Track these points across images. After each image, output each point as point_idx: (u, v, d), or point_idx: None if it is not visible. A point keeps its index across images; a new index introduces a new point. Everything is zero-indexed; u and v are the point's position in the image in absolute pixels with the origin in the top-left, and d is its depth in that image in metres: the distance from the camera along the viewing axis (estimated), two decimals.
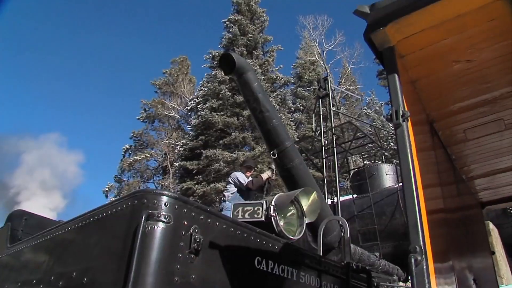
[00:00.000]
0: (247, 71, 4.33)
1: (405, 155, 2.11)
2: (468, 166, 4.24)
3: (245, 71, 4.31)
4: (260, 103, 4.41)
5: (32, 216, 5.93)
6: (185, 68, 45.37)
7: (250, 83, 4.37)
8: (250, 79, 4.36)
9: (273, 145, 4.58)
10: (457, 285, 2.91)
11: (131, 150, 41.41)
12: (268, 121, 4.48)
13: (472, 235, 4.44)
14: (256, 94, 4.39)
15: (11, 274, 4.01)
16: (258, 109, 4.45)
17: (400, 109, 2.22)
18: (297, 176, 4.61)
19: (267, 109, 4.46)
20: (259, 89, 4.46)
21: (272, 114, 4.53)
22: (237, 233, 2.85)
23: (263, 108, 4.42)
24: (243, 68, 4.30)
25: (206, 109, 31.94)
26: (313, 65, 41.78)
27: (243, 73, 4.30)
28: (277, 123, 4.56)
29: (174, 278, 2.33)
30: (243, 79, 4.35)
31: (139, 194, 2.57)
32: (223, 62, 4.33)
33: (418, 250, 1.89)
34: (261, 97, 4.43)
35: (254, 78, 4.43)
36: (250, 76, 4.37)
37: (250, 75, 4.36)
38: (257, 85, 4.45)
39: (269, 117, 4.47)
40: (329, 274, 3.60)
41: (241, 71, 4.28)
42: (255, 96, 4.40)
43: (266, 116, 4.45)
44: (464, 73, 2.81)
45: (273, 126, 4.51)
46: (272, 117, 4.50)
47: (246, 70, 4.32)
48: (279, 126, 4.61)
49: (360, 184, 14.16)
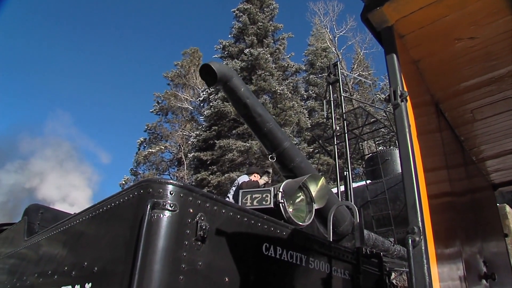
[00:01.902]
0: (231, 78, 4.13)
1: (403, 135, 2.08)
2: (478, 147, 4.16)
3: (229, 79, 4.11)
4: (250, 109, 4.27)
5: (48, 209, 6.04)
6: (196, 59, 45.35)
7: (236, 90, 4.20)
8: (236, 85, 4.18)
9: (271, 148, 4.51)
10: (465, 269, 2.88)
11: (146, 143, 41.75)
12: (262, 125, 4.37)
13: (483, 218, 4.38)
14: (244, 100, 4.23)
15: (28, 266, 4.11)
16: (249, 115, 4.32)
17: (398, 89, 2.18)
18: (301, 175, 4.48)
19: (259, 113, 4.32)
20: (247, 94, 4.29)
21: (265, 117, 4.40)
22: (244, 220, 2.87)
23: (254, 113, 4.29)
24: (226, 75, 4.10)
25: (219, 100, 31.93)
26: (325, 51, 41.35)
27: (227, 81, 4.12)
28: (271, 126, 4.43)
29: (181, 265, 2.36)
30: (228, 87, 4.18)
31: (145, 184, 2.60)
32: (204, 73, 4.13)
33: (417, 230, 1.87)
34: (250, 102, 4.28)
35: (239, 84, 4.24)
36: (235, 82, 4.17)
37: (235, 81, 4.17)
38: (244, 90, 4.27)
39: (262, 122, 4.35)
40: (340, 259, 3.60)
41: (224, 79, 4.09)
42: (243, 102, 4.24)
43: (259, 121, 4.34)
44: (467, 51, 2.74)
45: (268, 130, 4.41)
46: (265, 121, 4.38)
47: (229, 77, 4.12)
48: (274, 128, 4.49)
49: (373, 169, 14.06)
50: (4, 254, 5.14)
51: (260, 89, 31.83)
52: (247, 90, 4.35)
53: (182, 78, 43.32)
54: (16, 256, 4.64)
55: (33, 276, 3.78)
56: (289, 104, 32.08)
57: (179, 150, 40.20)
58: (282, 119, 31.73)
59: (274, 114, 31.74)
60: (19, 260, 4.54)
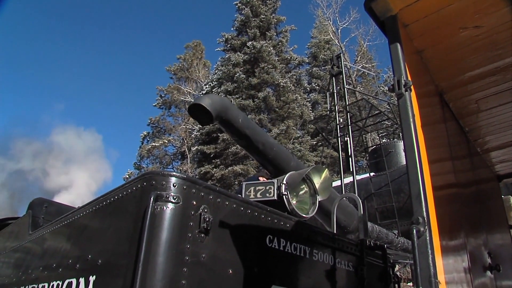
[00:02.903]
0: (226, 111, 3.79)
1: (407, 125, 2.06)
2: (483, 138, 4.12)
3: (223, 113, 3.77)
4: (252, 139, 4.03)
5: (52, 203, 6.05)
6: (199, 52, 45.32)
7: (233, 123, 3.89)
8: (231, 118, 3.86)
9: (276, 173, 4.25)
10: (470, 261, 2.87)
11: (149, 136, 41.87)
12: (266, 153, 4.16)
13: (488, 209, 4.36)
14: (243, 131, 3.95)
15: (33, 260, 4.12)
16: (250, 145, 4.10)
17: (402, 78, 2.16)
18: None
19: (261, 142, 4.10)
20: (244, 124, 3.99)
21: (267, 144, 4.17)
22: (247, 212, 2.86)
23: (256, 143, 4.06)
24: (220, 110, 3.74)
25: (222, 93, 31.91)
26: (328, 44, 41.21)
27: (222, 116, 3.77)
28: (275, 151, 4.23)
29: (184, 258, 2.35)
30: (224, 122, 3.86)
31: (148, 176, 2.59)
32: (194, 112, 3.78)
33: (421, 221, 1.86)
34: (250, 132, 4.01)
35: (235, 115, 3.91)
36: (230, 115, 3.84)
37: (230, 113, 3.84)
38: (242, 121, 3.96)
39: (265, 150, 4.14)
40: (344, 251, 3.59)
41: (220, 115, 3.75)
42: (242, 134, 3.98)
43: (262, 149, 4.12)
44: (472, 40, 2.71)
45: (273, 156, 4.20)
46: (269, 147, 4.17)
47: (224, 111, 3.77)
48: (278, 152, 4.28)
49: (377, 162, 14.03)
50: (9, 248, 5.17)
51: (263, 82, 31.79)
52: (244, 119, 4.06)
53: (185, 71, 43.31)
54: (21, 250, 4.66)
55: (38, 269, 3.79)
56: (292, 96, 32.05)
57: (182, 144, 40.29)
58: (285, 111, 31.72)
59: (277, 107, 31.73)
60: (24, 254, 4.56)
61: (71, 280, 2.96)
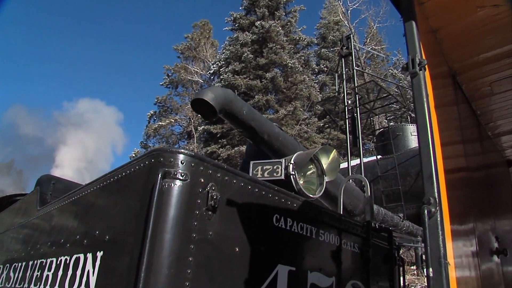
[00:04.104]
0: (230, 103, 3.71)
1: (421, 104, 2.01)
2: (494, 122, 4.05)
3: (227, 106, 3.69)
4: (256, 131, 3.97)
5: (60, 180, 6.10)
6: (207, 32, 44.94)
7: (237, 116, 3.82)
8: (236, 111, 3.78)
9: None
10: (477, 245, 2.85)
11: (156, 116, 41.90)
12: (272, 143, 4.11)
13: (497, 194, 4.32)
14: (248, 123, 3.89)
15: (41, 235, 4.16)
16: (257, 137, 4.04)
17: (416, 57, 2.10)
18: None
19: (267, 133, 4.04)
20: (249, 116, 3.91)
21: (273, 135, 4.11)
22: (255, 191, 2.85)
23: (262, 134, 4.00)
24: (224, 104, 3.67)
25: (229, 73, 31.78)
26: (337, 25, 40.67)
27: (226, 109, 3.71)
28: (281, 140, 4.17)
29: (191, 235, 2.35)
30: (229, 115, 3.79)
31: (156, 153, 2.57)
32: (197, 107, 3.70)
33: (432, 201, 1.82)
34: (255, 124, 3.94)
35: (239, 107, 3.83)
36: (235, 108, 3.77)
37: (234, 106, 3.76)
38: (246, 112, 3.88)
39: (270, 140, 4.08)
40: (350, 232, 3.59)
41: (224, 108, 3.68)
42: (247, 126, 3.92)
43: (268, 140, 4.07)
44: (490, 20, 2.62)
45: (278, 147, 4.15)
46: (274, 137, 4.11)
47: (227, 104, 3.69)
48: (284, 142, 4.22)
49: (384, 145, 13.97)
50: (18, 223, 5.22)
51: (271, 62, 31.55)
52: (250, 110, 3.99)
53: (192, 51, 43.04)
54: (29, 226, 4.71)
55: (46, 245, 3.83)
56: (300, 78, 31.83)
57: (189, 123, 40.30)
58: (293, 93, 31.55)
59: (284, 87, 31.55)
60: (32, 230, 4.60)
61: (79, 255, 2.98)
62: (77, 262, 2.98)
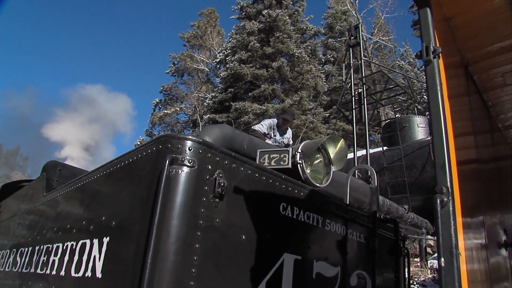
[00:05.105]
0: (230, 142, 3.61)
1: (434, 93, 1.97)
2: (505, 114, 3.98)
3: (228, 145, 3.48)
4: None
5: (66, 166, 6.10)
6: (213, 20, 44.67)
7: (239, 152, 3.47)
8: (237, 148, 3.63)
9: None
10: (487, 238, 2.82)
11: (161, 104, 41.86)
12: None
13: (506, 187, 4.27)
14: (250, 155, 3.61)
15: (48, 221, 4.18)
16: None
17: (431, 44, 2.06)
18: None
19: None
20: (251, 148, 3.78)
21: None
22: (262, 179, 2.83)
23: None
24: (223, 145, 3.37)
25: (235, 61, 31.60)
26: (345, 15, 40.25)
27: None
28: None
29: (198, 222, 2.35)
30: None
31: (163, 139, 2.56)
32: None
33: (445, 191, 1.79)
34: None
35: (239, 142, 3.75)
36: (235, 145, 3.66)
37: (234, 144, 3.67)
38: (247, 146, 3.80)
39: None
40: (356, 222, 3.58)
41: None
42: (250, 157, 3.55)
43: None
44: (506, 8, 2.54)
45: None
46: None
47: (227, 143, 3.54)
48: None
49: (390, 136, 13.90)
50: (24, 209, 5.25)
51: (277, 51, 31.36)
52: (250, 142, 3.91)
53: (198, 39, 42.83)
54: (36, 212, 4.73)
55: (52, 230, 3.85)
56: (306, 67, 31.61)
57: (194, 112, 40.26)
58: (299, 82, 31.38)
59: (291, 77, 31.40)
60: (38, 215, 4.62)
61: (85, 241, 2.99)
62: (83, 248, 2.99)
